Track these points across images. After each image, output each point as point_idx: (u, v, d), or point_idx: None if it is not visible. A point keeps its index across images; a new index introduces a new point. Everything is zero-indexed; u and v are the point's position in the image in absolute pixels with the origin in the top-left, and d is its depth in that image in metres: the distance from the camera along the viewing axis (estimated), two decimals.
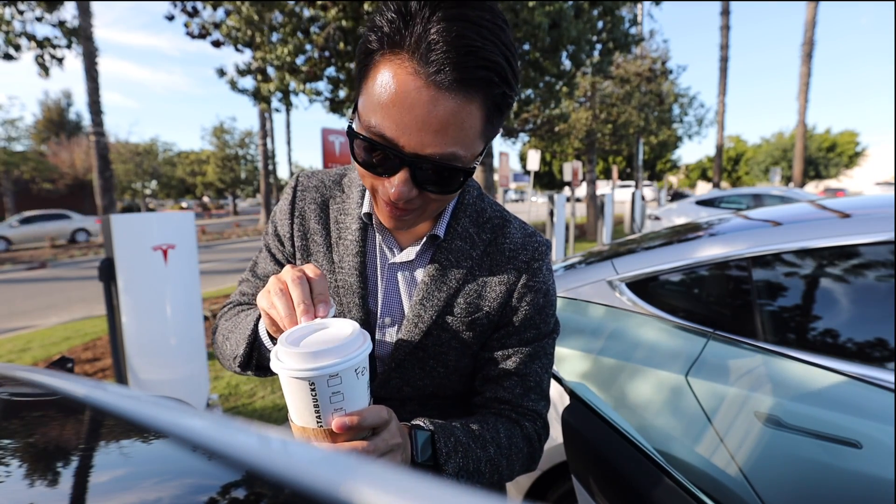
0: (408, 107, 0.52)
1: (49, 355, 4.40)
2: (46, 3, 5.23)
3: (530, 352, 0.72)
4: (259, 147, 18.13)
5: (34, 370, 0.61)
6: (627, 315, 1.57)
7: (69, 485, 0.32)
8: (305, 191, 0.76)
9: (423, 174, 0.56)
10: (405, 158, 0.54)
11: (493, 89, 0.53)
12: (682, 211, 9.54)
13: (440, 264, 0.69)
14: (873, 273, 1.35)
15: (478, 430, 0.66)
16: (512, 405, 0.72)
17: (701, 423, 1.24)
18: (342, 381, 0.48)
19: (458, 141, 0.54)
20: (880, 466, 1.03)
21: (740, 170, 43.23)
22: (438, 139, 0.53)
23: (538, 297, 0.71)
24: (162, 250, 2.40)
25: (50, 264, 12.08)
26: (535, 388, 0.73)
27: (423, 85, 0.51)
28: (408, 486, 0.25)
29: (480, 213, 0.73)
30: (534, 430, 0.72)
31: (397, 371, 0.72)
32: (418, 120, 0.52)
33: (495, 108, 0.56)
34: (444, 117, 0.52)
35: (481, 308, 0.70)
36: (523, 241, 0.72)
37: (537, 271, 0.71)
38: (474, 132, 0.55)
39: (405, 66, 0.51)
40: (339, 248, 0.72)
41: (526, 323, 0.72)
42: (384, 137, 0.54)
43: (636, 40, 6.90)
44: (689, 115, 18.50)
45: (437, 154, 0.54)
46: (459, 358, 0.72)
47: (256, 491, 0.28)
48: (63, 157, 26.76)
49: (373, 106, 0.54)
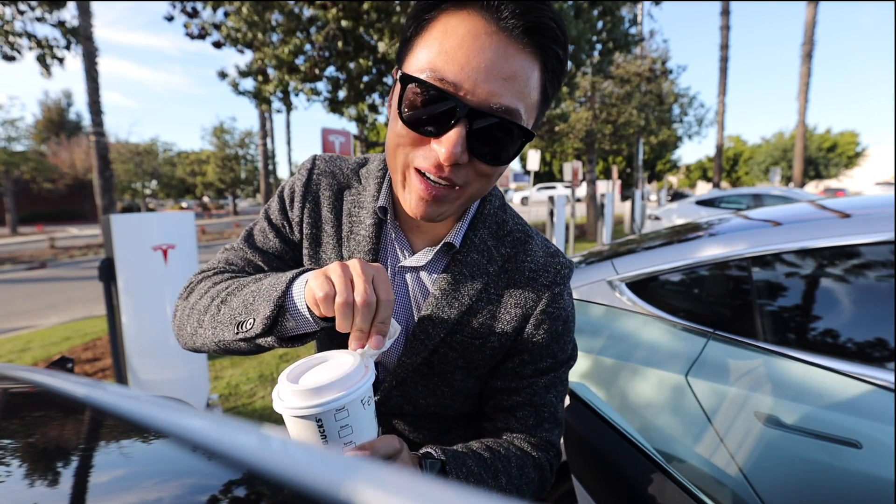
0: (478, 49, 0.48)
1: (49, 355, 4.39)
2: (47, 4, 5.23)
3: (546, 382, 0.68)
4: (259, 147, 18.14)
5: (34, 370, 0.61)
6: (627, 315, 1.57)
7: (69, 485, 0.32)
8: (322, 175, 0.70)
9: (480, 135, 0.51)
10: (465, 109, 0.49)
11: (553, 48, 0.51)
12: (682, 211, 9.53)
13: (453, 276, 0.64)
14: (873, 273, 1.35)
15: (489, 458, 0.63)
16: (525, 436, 0.69)
17: (701, 423, 1.24)
18: (349, 413, 0.46)
19: (523, 96, 0.51)
20: (880, 466, 1.03)
21: (740, 170, 43.23)
22: (506, 88, 0.49)
23: (557, 325, 0.67)
24: (162, 250, 2.40)
25: (50, 264, 12.08)
26: (548, 418, 0.69)
27: (495, 30, 0.49)
28: (408, 486, 0.25)
29: (501, 226, 0.68)
30: (546, 459, 0.69)
31: (399, 389, 0.69)
32: (489, 64, 0.49)
33: (552, 75, 0.54)
34: (514, 67, 0.49)
35: (494, 330, 0.65)
36: (545, 262, 0.67)
37: (558, 297, 0.66)
38: (535, 94, 0.53)
39: (474, 16, 0.49)
40: (349, 243, 0.67)
41: (542, 351, 0.67)
42: (445, 81, 0.49)
43: (636, 40, 6.90)
44: (689, 115, 18.49)
45: (503, 106, 0.50)
46: (465, 378, 0.69)
47: (256, 491, 0.28)
48: (63, 157, 26.79)
49: (432, 55, 0.50)
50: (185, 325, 0.64)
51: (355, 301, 0.47)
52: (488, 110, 0.50)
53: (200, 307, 0.62)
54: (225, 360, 4.07)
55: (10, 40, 5.10)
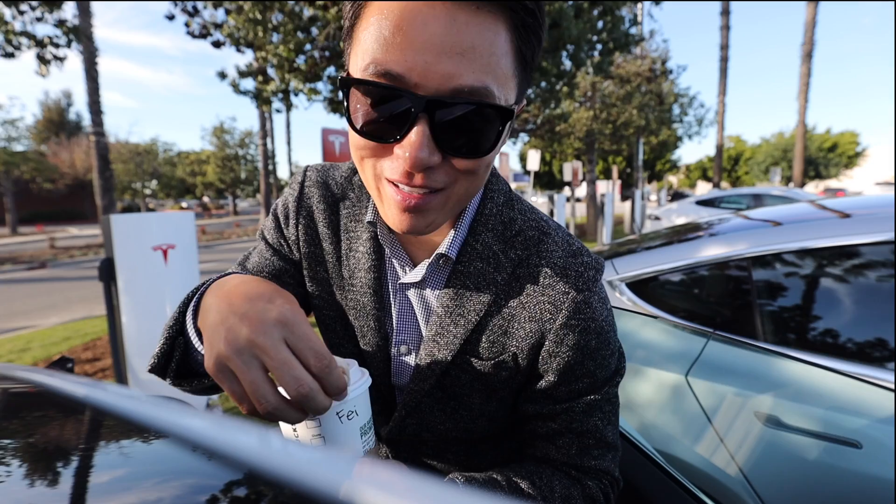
0: (420, 26, 0.39)
1: (49, 355, 4.39)
2: (47, 4, 5.23)
3: (586, 406, 0.57)
4: (259, 147, 18.12)
5: (34, 370, 0.61)
6: (627, 315, 1.57)
7: (69, 485, 0.32)
8: (314, 186, 0.63)
9: (447, 127, 0.42)
10: (420, 100, 0.40)
11: (520, 20, 0.42)
12: (682, 211, 9.53)
13: (455, 291, 0.56)
14: (873, 273, 1.35)
15: (527, 488, 0.54)
16: (569, 465, 0.59)
17: (701, 423, 1.24)
18: (320, 423, 0.45)
19: (490, 68, 0.41)
20: (880, 466, 1.03)
21: (740, 170, 43.24)
22: (465, 65, 0.39)
23: (587, 339, 0.55)
24: (162, 250, 2.40)
25: (50, 264, 12.08)
26: (595, 445, 0.58)
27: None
28: (408, 486, 0.25)
29: (508, 225, 0.57)
30: (598, 488, 0.58)
31: (414, 416, 0.61)
32: (436, 40, 0.39)
33: (523, 37, 0.43)
34: (470, 36, 0.39)
35: (507, 348, 0.56)
36: (564, 263, 0.55)
37: (582, 306, 0.54)
38: (507, 63, 0.42)
39: None
40: (349, 262, 0.60)
41: (574, 371, 0.56)
42: (390, 75, 0.40)
43: (636, 40, 6.90)
44: (689, 115, 18.50)
45: (466, 87, 0.40)
46: (485, 402, 0.59)
47: (256, 491, 0.28)
48: (63, 157, 26.81)
49: (371, 41, 0.41)
50: None
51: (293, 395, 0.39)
52: (449, 97, 0.40)
53: None
54: None
55: (9, 39, 5.10)
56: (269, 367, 0.39)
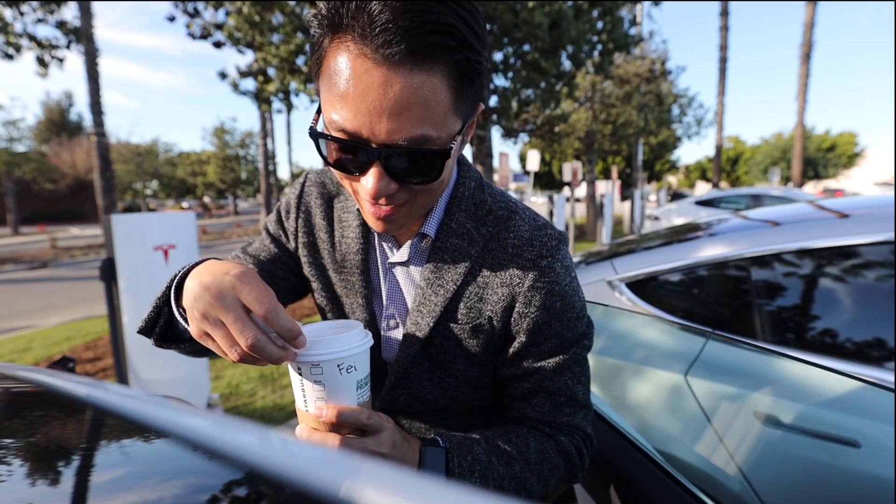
0: (361, 93, 0.46)
1: (50, 355, 4.40)
2: (47, 5, 5.24)
3: (556, 364, 0.64)
4: (259, 147, 18.13)
5: (35, 370, 0.61)
6: (627, 315, 1.57)
7: (69, 485, 0.32)
8: (313, 186, 0.75)
9: (397, 165, 0.50)
10: (373, 151, 0.49)
11: (453, 55, 0.47)
12: (682, 211, 9.53)
13: (435, 265, 0.64)
14: (872, 273, 1.35)
15: (503, 444, 0.61)
16: (544, 422, 0.65)
17: (700, 422, 1.24)
18: (323, 372, 0.51)
19: (426, 120, 0.48)
20: (880, 466, 1.03)
21: (739, 170, 43.21)
22: (402, 123, 0.47)
23: (552, 300, 0.61)
24: (163, 250, 2.41)
25: (51, 264, 12.09)
26: (567, 402, 0.65)
27: (372, 65, 0.46)
28: (408, 486, 0.25)
29: (479, 206, 0.65)
30: (571, 444, 0.65)
31: (404, 386, 0.68)
32: (376, 105, 0.46)
33: (463, 78, 0.49)
34: (403, 97, 0.46)
35: (483, 313, 0.63)
36: (531, 236, 0.63)
37: (546, 270, 0.61)
38: (443, 108, 0.49)
39: (350, 49, 0.46)
40: (341, 247, 0.70)
41: (542, 332, 0.62)
42: (346, 132, 0.49)
43: (636, 41, 6.90)
44: (688, 116, 18.49)
45: (405, 139, 0.48)
46: (468, 367, 0.66)
47: (257, 490, 0.28)
48: (64, 158, 26.81)
49: (330, 100, 0.49)
50: None
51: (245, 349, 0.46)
52: (395, 145, 0.49)
53: None
54: (225, 360, 4.07)
55: (10, 40, 5.11)
56: (227, 325, 0.46)
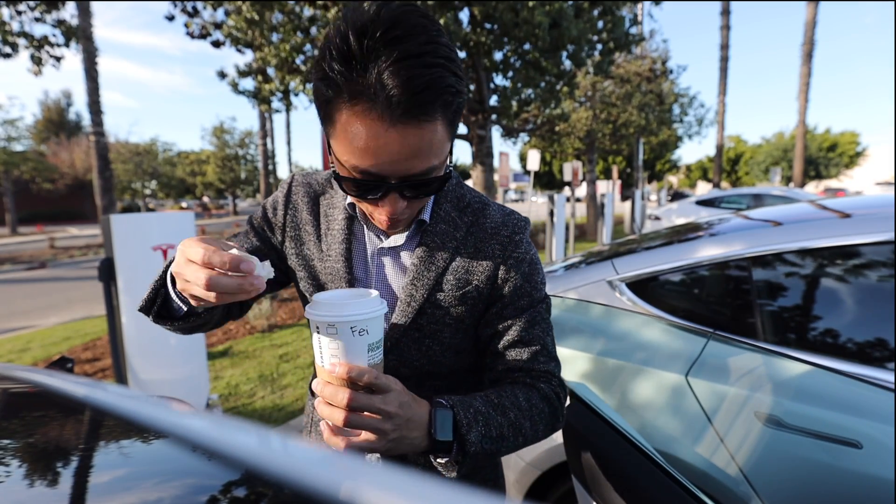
0: (382, 147, 0.57)
1: (49, 355, 4.40)
2: (45, 4, 5.23)
3: (528, 319, 0.76)
4: (259, 147, 18.13)
5: (34, 370, 0.61)
6: (627, 315, 1.57)
7: (69, 485, 0.32)
8: (299, 186, 0.83)
9: (410, 192, 0.63)
10: (391, 185, 0.61)
11: (450, 105, 0.59)
12: (682, 211, 9.53)
13: (427, 247, 0.74)
14: (873, 273, 1.35)
15: (496, 398, 0.70)
16: (523, 371, 0.76)
17: (701, 423, 1.24)
18: (338, 332, 0.57)
19: (432, 156, 0.60)
20: (880, 466, 1.03)
21: (740, 170, 43.23)
22: (415, 163, 0.59)
23: (524, 266, 0.76)
24: (162, 250, 2.40)
25: (50, 264, 12.08)
26: (541, 352, 0.77)
27: (388, 126, 0.56)
28: (408, 486, 0.25)
29: (461, 199, 0.78)
30: (550, 389, 0.76)
31: (393, 352, 0.76)
32: (394, 155, 0.58)
33: (454, 115, 0.62)
34: (416, 145, 0.58)
35: (470, 282, 0.75)
36: (503, 219, 0.77)
37: (519, 243, 0.76)
38: (442, 142, 0.61)
39: (369, 114, 0.56)
40: (327, 238, 0.78)
41: (518, 293, 0.76)
42: (368, 173, 0.60)
43: (636, 40, 6.90)
44: (689, 115, 18.48)
45: (420, 171, 0.60)
46: (454, 334, 0.77)
47: (256, 491, 0.28)
48: (63, 157, 26.78)
49: (350, 150, 0.59)
50: None
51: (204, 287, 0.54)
52: (408, 178, 0.61)
53: None
54: (225, 360, 4.07)
55: (6, 39, 5.10)
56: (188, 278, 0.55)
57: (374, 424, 0.57)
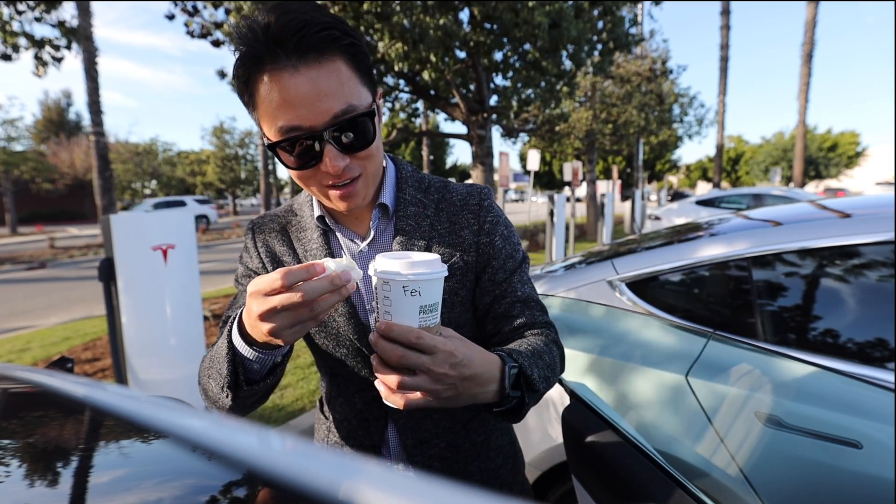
0: (294, 94, 0.60)
1: (49, 355, 4.39)
2: (46, 3, 5.22)
3: (518, 279, 0.82)
4: (259, 147, 18.12)
5: (34, 370, 0.61)
6: (627, 315, 1.57)
7: (69, 485, 0.32)
8: (262, 226, 0.85)
9: (341, 138, 0.64)
10: (319, 134, 0.62)
11: (340, 41, 0.62)
12: (683, 211, 9.53)
13: (404, 231, 0.77)
14: (873, 273, 1.35)
15: (528, 345, 0.74)
16: (527, 326, 0.80)
17: (701, 423, 1.24)
18: (391, 289, 0.59)
19: (346, 94, 0.63)
20: (880, 466, 1.03)
21: (740, 170, 43.21)
22: (331, 101, 0.62)
23: (501, 228, 0.81)
24: (162, 250, 2.40)
25: (49, 264, 12.08)
26: (536, 306, 0.82)
27: (292, 71, 0.60)
28: (408, 486, 0.24)
29: (421, 181, 0.82)
30: (554, 335, 0.82)
31: None
32: (307, 97, 0.61)
33: (355, 59, 0.65)
34: (323, 83, 0.61)
35: (454, 254, 0.78)
36: (467, 190, 0.82)
37: (490, 208, 0.81)
38: (353, 82, 0.64)
39: (271, 69, 0.61)
40: (307, 258, 0.79)
41: (503, 254, 0.80)
42: (294, 128, 0.62)
43: (636, 40, 6.89)
44: (689, 115, 18.46)
45: (339, 111, 0.62)
46: (451, 309, 0.79)
47: (256, 491, 0.28)
48: (63, 157, 26.74)
49: (272, 114, 0.62)
50: (207, 400, 0.73)
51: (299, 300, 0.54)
52: (333, 122, 0.62)
53: (203, 385, 0.72)
54: None
55: (8, 40, 5.09)
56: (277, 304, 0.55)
57: (424, 385, 0.57)
